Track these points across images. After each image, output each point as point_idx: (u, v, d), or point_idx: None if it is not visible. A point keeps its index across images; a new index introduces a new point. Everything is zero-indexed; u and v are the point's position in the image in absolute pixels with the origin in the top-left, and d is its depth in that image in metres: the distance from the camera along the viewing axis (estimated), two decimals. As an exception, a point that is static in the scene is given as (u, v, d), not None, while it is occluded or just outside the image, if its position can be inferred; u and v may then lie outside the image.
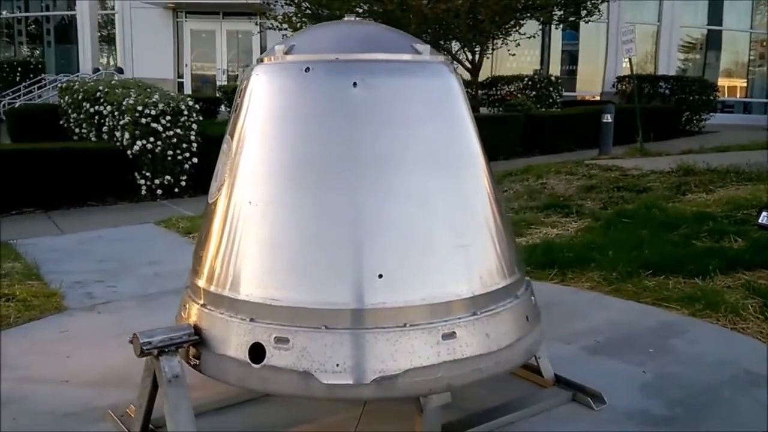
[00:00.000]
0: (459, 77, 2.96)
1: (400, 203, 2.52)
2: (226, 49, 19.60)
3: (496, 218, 2.82)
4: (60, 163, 9.53)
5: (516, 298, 2.76)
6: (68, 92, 12.22)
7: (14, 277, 5.48)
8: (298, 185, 2.54)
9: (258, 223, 2.55)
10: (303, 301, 2.43)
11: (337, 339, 2.39)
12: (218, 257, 2.64)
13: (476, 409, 3.18)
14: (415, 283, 2.47)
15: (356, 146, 2.55)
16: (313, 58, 2.65)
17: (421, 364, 2.42)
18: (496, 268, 2.71)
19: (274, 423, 3.04)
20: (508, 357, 2.63)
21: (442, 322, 2.47)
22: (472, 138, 2.87)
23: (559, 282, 5.26)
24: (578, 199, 7.85)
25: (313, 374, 2.37)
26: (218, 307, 2.58)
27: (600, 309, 4.66)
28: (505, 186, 8.94)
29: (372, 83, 2.60)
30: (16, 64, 20.67)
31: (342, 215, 2.49)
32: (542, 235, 6.45)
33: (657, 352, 3.91)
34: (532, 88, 19.10)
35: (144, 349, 2.49)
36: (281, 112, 2.63)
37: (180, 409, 2.50)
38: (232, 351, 2.49)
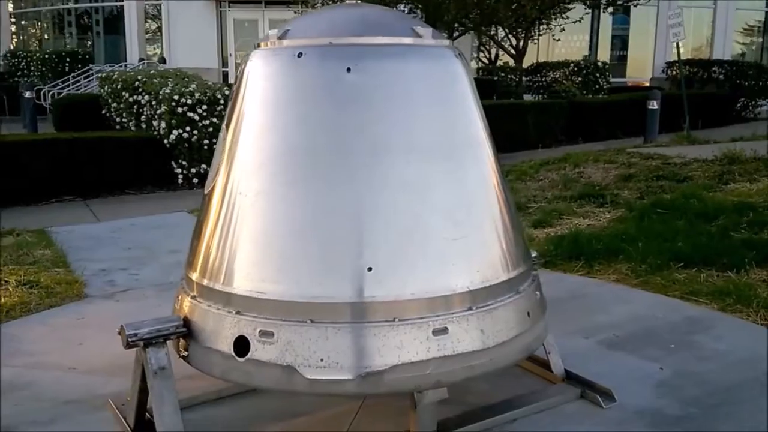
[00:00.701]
0: (466, 62, 2.83)
1: (393, 194, 2.43)
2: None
3: (499, 209, 2.71)
4: (99, 152, 9.71)
5: (517, 294, 2.64)
6: (108, 82, 12.44)
7: (42, 264, 5.59)
8: (287, 175, 2.47)
9: (247, 214, 2.50)
10: (288, 295, 2.36)
11: (322, 333, 2.32)
12: (209, 249, 2.60)
13: (477, 404, 3.08)
14: (406, 277, 2.38)
15: (347, 134, 2.46)
16: (306, 43, 2.57)
17: (410, 359, 2.33)
18: (496, 262, 2.60)
19: (271, 415, 3.00)
20: (504, 354, 2.52)
21: (433, 317, 2.38)
22: (476, 125, 2.75)
23: (585, 274, 5.09)
24: (614, 189, 7.60)
25: (297, 369, 2.31)
26: (207, 299, 2.55)
27: (624, 302, 4.49)
28: (541, 175, 8.73)
29: (366, 68, 2.50)
30: (65, 55, 21.18)
31: (330, 206, 2.41)
32: (572, 226, 6.26)
33: (678, 348, 3.73)
34: (578, 74, 18.63)
35: (130, 341, 2.48)
36: (273, 100, 2.56)
37: (165, 402, 2.48)
38: (218, 344, 2.45)
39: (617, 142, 13.24)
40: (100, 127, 12.19)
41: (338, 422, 2.93)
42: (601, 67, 19.51)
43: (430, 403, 2.63)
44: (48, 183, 9.30)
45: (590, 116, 14.82)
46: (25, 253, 6.01)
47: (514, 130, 13.24)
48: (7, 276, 5.13)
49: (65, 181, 9.44)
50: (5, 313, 4.40)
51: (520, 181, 8.54)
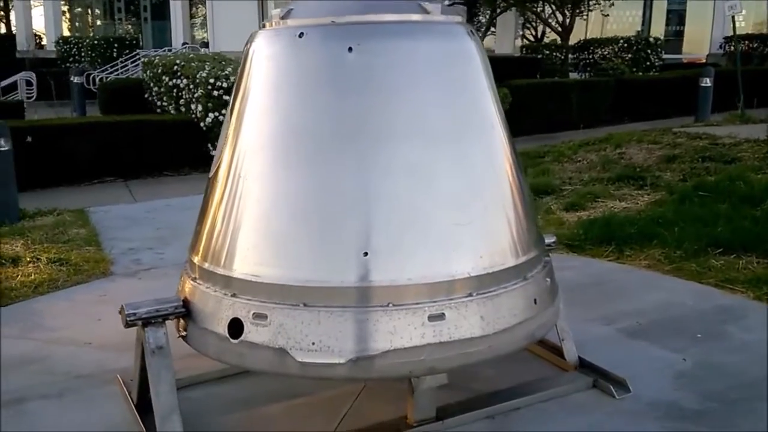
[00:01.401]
0: (478, 40, 2.72)
1: (393, 178, 2.35)
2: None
3: (509, 194, 2.61)
4: (138, 135, 9.87)
5: (524, 280, 2.54)
6: (150, 67, 12.60)
7: (75, 243, 5.71)
8: (285, 158, 2.43)
9: (245, 197, 2.46)
10: (283, 278, 2.33)
11: (314, 317, 2.28)
12: (209, 232, 2.58)
13: (483, 391, 3.02)
14: (404, 263, 2.31)
15: (347, 117, 2.39)
16: (307, 23, 2.50)
17: (403, 345, 2.27)
18: (502, 248, 2.50)
19: (272, 395, 2.99)
20: (505, 341, 2.43)
21: (429, 302, 2.31)
22: (488, 108, 2.64)
23: (615, 260, 4.93)
24: (656, 170, 7.34)
25: (289, 351, 2.28)
26: (206, 281, 2.53)
27: (653, 289, 4.33)
28: (579, 156, 8.49)
29: (369, 48, 2.41)
30: (113, 40, 21.57)
31: (327, 190, 2.36)
32: (607, 209, 6.07)
33: (705, 339, 3.58)
34: (628, 50, 18.02)
35: (129, 320, 2.49)
36: (273, 81, 2.52)
37: (161, 381, 2.48)
38: (214, 325, 2.44)
39: (667, 122, 12.77)
40: (143, 111, 12.37)
41: (339, 403, 2.91)
42: (653, 43, 18.81)
43: (429, 389, 2.59)
44: (91, 165, 9.50)
45: (638, 95, 14.34)
46: (61, 231, 6.15)
47: (555, 109, 12.93)
48: (40, 253, 5.26)
49: (107, 162, 9.63)
50: (34, 288, 4.52)
51: (557, 162, 8.32)
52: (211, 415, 2.88)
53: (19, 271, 4.85)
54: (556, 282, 2.88)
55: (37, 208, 7.16)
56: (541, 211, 6.17)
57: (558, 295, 2.84)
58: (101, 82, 16.65)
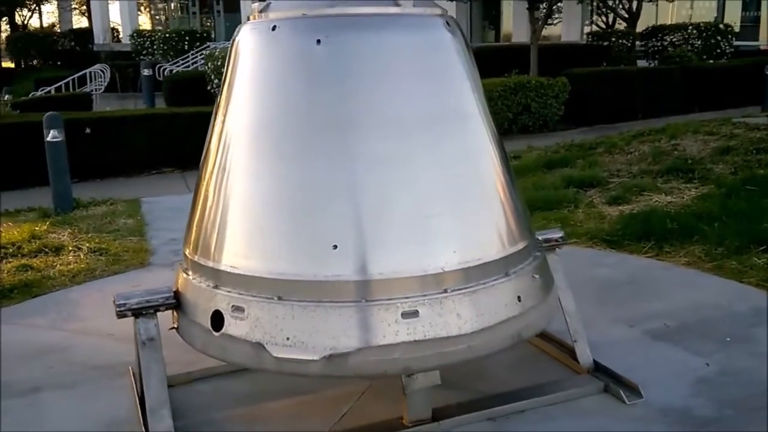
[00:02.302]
0: (457, 31, 2.65)
1: (361, 170, 2.32)
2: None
3: (488, 186, 2.54)
4: (195, 126, 10.08)
5: (506, 276, 2.45)
6: (211, 59, 12.90)
7: (120, 233, 5.90)
8: (258, 150, 2.43)
9: (223, 188, 2.48)
10: (258, 270, 2.33)
11: (289, 311, 2.26)
12: (197, 224, 2.60)
13: (489, 391, 2.94)
14: (374, 256, 2.27)
15: (315, 109, 2.37)
16: (282, 15, 2.49)
17: (377, 343, 2.23)
18: (480, 242, 2.43)
19: (279, 390, 2.97)
20: (484, 341, 2.35)
21: (402, 299, 2.25)
22: (464, 97, 2.58)
23: (654, 256, 4.72)
24: (708, 163, 6.99)
25: (265, 346, 2.27)
26: (195, 273, 2.56)
27: (688, 288, 4.12)
28: (632, 147, 8.18)
29: (337, 40, 2.39)
30: (184, 34, 22.17)
31: (297, 182, 2.34)
32: (651, 203, 5.82)
33: (734, 342, 3.38)
34: (698, 37, 17.22)
35: (118, 311, 2.53)
36: (249, 74, 2.52)
37: (151, 373, 2.52)
38: (199, 317, 2.47)
39: (736, 111, 12.18)
40: (206, 103, 12.68)
41: (342, 402, 2.87)
42: (724, 30, 17.89)
43: (422, 389, 2.53)
44: (149, 155, 9.79)
45: (706, 83, 13.68)
46: (109, 221, 6.38)
47: (616, 99, 12.50)
48: (83, 243, 5.47)
49: (165, 153, 9.89)
50: (71, 278, 4.69)
51: (608, 154, 8.04)
52: (215, 410, 2.91)
53: (59, 260, 5.05)
54: (550, 278, 2.78)
55: (92, 197, 7.44)
56: (582, 205, 5.99)
57: (552, 293, 2.73)
58: (167, 75, 17.15)
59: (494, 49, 18.08)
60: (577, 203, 6.00)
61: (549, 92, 11.83)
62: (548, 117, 11.92)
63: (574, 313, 3.13)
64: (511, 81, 11.59)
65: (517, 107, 11.59)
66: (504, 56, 15.70)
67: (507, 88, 11.45)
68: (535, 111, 11.75)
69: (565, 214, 5.72)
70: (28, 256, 5.17)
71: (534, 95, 11.68)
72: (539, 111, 11.79)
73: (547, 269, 2.82)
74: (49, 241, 5.54)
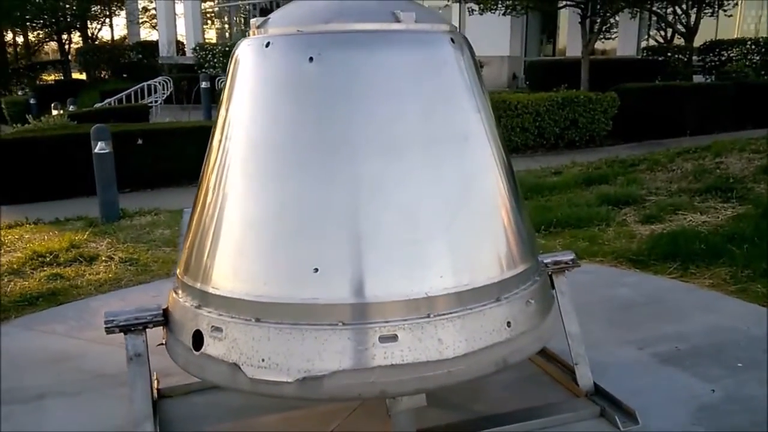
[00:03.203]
0: (464, 47, 2.59)
1: (345, 191, 2.30)
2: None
3: (482, 209, 2.49)
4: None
5: (497, 302, 2.40)
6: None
7: (154, 243, 6.06)
8: (245, 171, 2.44)
9: (211, 209, 2.50)
10: (238, 292, 2.34)
11: (265, 333, 2.28)
12: (186, 244, 2.65)
13: (484, 412, 2.90)
14: (355, 280, 2.25)
15: (305, 128, 2.36)
16: (276, 32, 2.50)
17: (352, 366, 2.22)
18: (469, 267, 2.38)
19: (271, 404, 2.96)
20: (467, 367, 2.31)
21: (381, 323, 2.24)
22: (464, 117, 2.52)
23: (678, 277, 4.57)
24: (750, 182, 6.71)
25: (240, 367, 2.29)
26: (182, 292, 2.59)
27: (707, 311, 3.97)
28: (675, 165, 7.94)
29: (330, 58, 2.37)
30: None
31: (280, 204, 2.34)
32: (685, 223, 5.63)
33: (745, 368, 3.24)
34: (757, 52, 16.58)
35: (106, 327, 2.60)
36: (242, 92, 2.53)
37: (137, 388, 2.57)
38: (182, 336, 2.50)
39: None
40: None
41: (333, 417, 2.87)
42: (785, 46, 17.15)
43: (406, 410, 2.51)
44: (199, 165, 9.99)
45: (761, 100, 13.15)
46: (147, 231, 6.56)
47: (666, 115, 12.14)
48: (116, 253, 5.64)
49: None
50: (98, 287, 4.84)
51: (650, 171, 7.82)
52: (206, 422, 2.95)
53: (91, 270, 5.22)
54: (549, 301, 2.72)
55: (140, 207, 7.65)
56: (614, 223, 5.85)
57: (549, 316, 2.67)
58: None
59: (548, 63, 17.85)
60: (608, 221, 5.86)
61: (597, 107, 11.60)
62: (596, 132, 11.68)
63: (577, 336, 3.06)
64: (559, 95, 11.41)
65: (564, 122, 11.40)
66: (558, 70, 15.49)
67: (554, 103, 11.28)
68: (583, 126, 11.53)
69: (594, 232, 5.59)
70: (63, 265, 5.37)
71: (582, 110, 11.47)
72: (587, 126, 11.56)
73: (547, 292, 2.76)
74: (85, 251, 5.74)
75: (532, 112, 11.07)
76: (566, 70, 14.64)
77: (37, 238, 6.37)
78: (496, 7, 13.41)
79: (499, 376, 3.23)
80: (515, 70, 18.05)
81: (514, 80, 18.09)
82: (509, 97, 11.25)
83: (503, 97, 11.20)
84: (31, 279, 5.06)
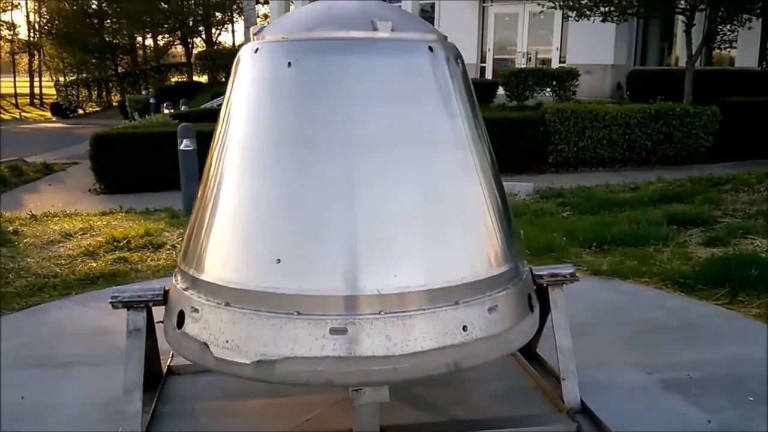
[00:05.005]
0: (443, 55, 2.67)
1: (310, 188, 2.44)
2: (527, 31, 19.41)
3: (446, 212, 2.54)
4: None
5: (454, 305, 2.45)
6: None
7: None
8: (229, 166, 2.63)
9: (201, 201, 2.73)
10: (214, 277, 2.54)
11: (231, 317, 2.45)
12: (186, 233, 2.88)
13: (459, 416, 2.95)
14: (312, 272, 2.38)
15: (281, 128, 2.54)
16: (267, 39, 2.68)
17: (302, 354, 2.35)
18: (427, 269, 2.45)
19: (263, 390, 3.09)
20: (413, 365, 2.37)
21: (334, 315, 2.35)
22: (434, 122, 2.60)
23: (724, 303, 4.35)
24: (837, 208, 6.23)
25: (209, 347, 2.48)
26: (179, 276, 2.82)
27: (741, 341, 3.77)
28: (764, 186, 7.47)
29: (306, 63, 2.54)
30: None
31: (254, 197, 2.52)
32: (751, 248, 5.32)
33: (756, 403, 3.08)
34: None
35: (111, 302, 2.86)
36: (235, 93, 2.73)
37: (132, 359, 2.81)
38: (171, 315, 2.73)
39: None
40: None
41: (315, 407, 3.01)
42: None
43: (369, 404, 2.60)
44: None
45: None
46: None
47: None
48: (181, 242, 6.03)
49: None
50: (155, 272, 5.22)
51: (734, 191, 7.42)
52: (199, 400, 3.17)
53: (154, 256, 5.64)
54: (521, 311, 2.71)
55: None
56: (673, 243, 5.61)
57: (518, 327, 2.67)
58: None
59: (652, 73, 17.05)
60: (667, 241, 5.63)
61: (696, 121, 11.05)
62: (693, 148, 11.12)
63: (568, 351, 3.02)
64: (652, 107, 10.96)
65: (658, 136, 10.94)
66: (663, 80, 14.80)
67: (646, 115, 10.86)
68: (678, 141, 11.02)
69: (648, 252, 5.40)
70: (132, 250, 5.83)
71: (677, 124, 10.96)
72: (683, 141, 11.03)
73: (522, 301, 2.77)
74: (156, 239, 6.19)
75: (622, 124, 10.72)
76: (672, 81, 13.98)
77: (122, 225, 6.93)
78: (592, 13, 13.01)
79: (490, 384, 3.28)
80: (620, 80, 17.40)
81: (619, 90, 17.43)
82: (596, 107, 10.94)
83: (590, 108, 10.91)
84: (101, 261, 5.53)
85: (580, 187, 8.68)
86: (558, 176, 10.21)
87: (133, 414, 2.78)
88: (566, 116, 10.69)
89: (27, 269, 5.36)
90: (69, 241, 6.36)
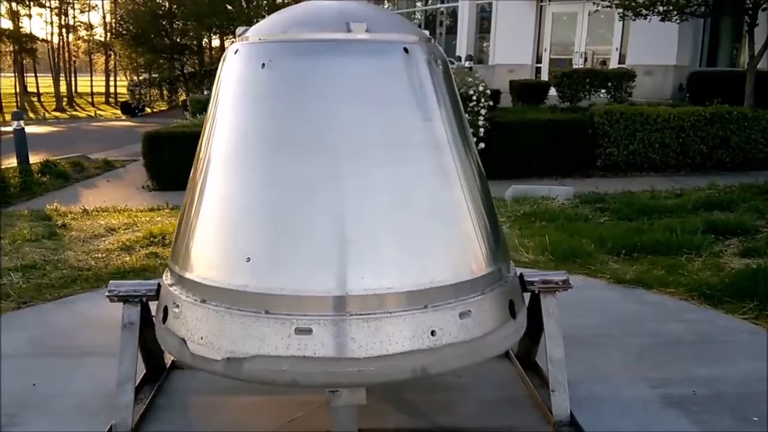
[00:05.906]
0: (420, 58, 2.66)
1: (280, 188, 2.48)
2: (586, 31, 18.95)
3: (417, 215, 2.52)
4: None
5: (423, 309, 2.44)
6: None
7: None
8: (206, 167, 2.69)
9: (186, 200, 2.80)
10: (194, 275, 2.61)
11: (205, 314, 2.51)
12: (175, 230, 2.97)
13: (442, 422, 2.93)
14: (279, 272, 2.42)
15: (252, 129, 2.59)
16: (248, 41, 2.74)
17: (268, 353, 2.38)
18: (392, 272, 2.43)
19: (261, 387, 3.18)
20: (378, 368, 2.37)
21: (299, 315, 2.38)
22: (406, 124, 2.59)
23: (751, 318, 4.17)
24: None
25: (186, 342, 2.56)
26: (169, 273, 2.91)
27: (759, 358, 3.62)
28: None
29: (279, 64, 2.58)
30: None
31: (228, 195, 2.57)
32: (788, 259, 5.08)
33: (760, 423, 2.95)
34: None
35: (107, 295, 2.98)
36: (218, 94, 2.80)
37: (125, 352, 2.92)
38: (159, 310, 2.82)
39: None
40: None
41: (302, 407, 3.05)
42: None
43: (345, 406, 2.62)
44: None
45: None
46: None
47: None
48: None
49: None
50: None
51: (781, 200, 7.08)
52: (194, 394, 3.25)
53: (184, 252, 5.80)
54: (499, 318, 2.67)
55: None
56: (706, 253, 5.40)
57: (496, 335, 2.63)
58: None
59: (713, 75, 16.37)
60: (700, 251, 5.43)
61: (754, 125, 10.58)
62: (751, 153, 10.65)
63: (560, 362, 2.97)
64: (707, 110, 10.56)
65: (714, 140, 10.53)
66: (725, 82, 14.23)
67: (701, 118, 10.46)
68: (736, 146, 10.57)
69: (679, 261, 5.22)
70: (167, 245, 6.00)
71: (735, 128, 10.52)
72: (740, 146, 10.58)
73: (502, 308, 2.73)
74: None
75: (675, 128, 10.36)
76: (734, 83, 13.42)
77: (162, 222, 7.16)
78: (650, 12, 12.61)
79: (483, 392, 3.25)
80: (683, 81, 16.79)
81: (681, 91, 16.83)
82: (648, 109, 10.61)
83: (641, 110, 10.59)
84: (134, 255, 5.73)
85: (624, 192, 8.44)
86: (605, 180, 9.95)
87: (124, 405, 2.88)
88: (615, 118, 10.42)
89: (65, 261, 5.61)
90: (111, 236, 6.62)
